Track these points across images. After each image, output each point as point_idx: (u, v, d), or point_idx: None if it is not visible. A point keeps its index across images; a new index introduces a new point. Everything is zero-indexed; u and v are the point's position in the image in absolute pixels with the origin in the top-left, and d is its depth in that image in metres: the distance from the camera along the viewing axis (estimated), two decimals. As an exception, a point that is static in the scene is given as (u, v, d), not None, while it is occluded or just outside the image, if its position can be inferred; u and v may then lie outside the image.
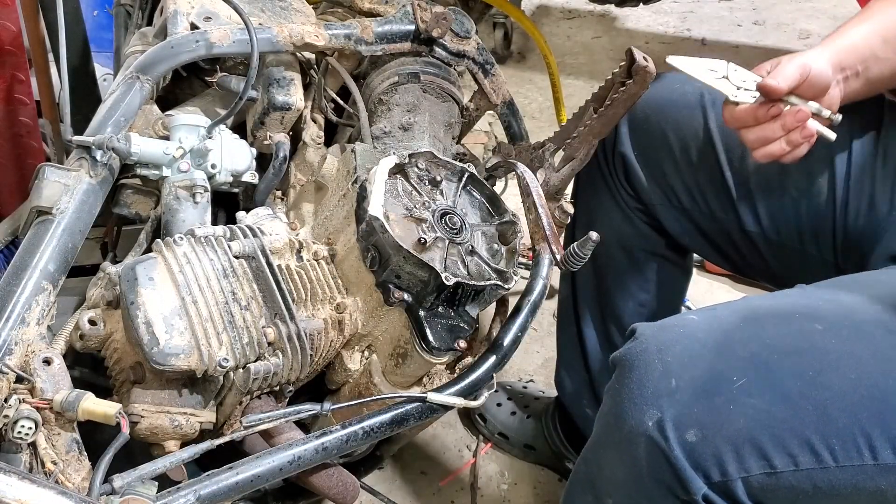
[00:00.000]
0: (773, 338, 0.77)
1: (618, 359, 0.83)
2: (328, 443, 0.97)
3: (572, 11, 3.29)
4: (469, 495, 1.44)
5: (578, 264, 1.02)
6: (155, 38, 1.22)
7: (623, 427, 0.79)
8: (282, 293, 0.95)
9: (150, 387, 0.91)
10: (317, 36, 1.14)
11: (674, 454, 0.73)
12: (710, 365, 0.76)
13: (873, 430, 0.70)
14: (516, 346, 1.09)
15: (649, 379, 0.78)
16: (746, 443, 0.72)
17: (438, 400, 1.01)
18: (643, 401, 0.77)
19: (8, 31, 1.40)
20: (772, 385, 0.73)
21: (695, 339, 0.80)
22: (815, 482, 0.72)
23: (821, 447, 0.71)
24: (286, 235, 1.02)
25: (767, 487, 0.73)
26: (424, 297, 0.95)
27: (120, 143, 0.98)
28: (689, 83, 1.12)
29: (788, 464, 0.72)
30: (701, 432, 0.73)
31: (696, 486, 0.73)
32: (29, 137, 1.54)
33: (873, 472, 0.71)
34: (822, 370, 0.73)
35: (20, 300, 0.85)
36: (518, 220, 1.07)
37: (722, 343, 0.78)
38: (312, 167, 1.18)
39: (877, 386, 0.72)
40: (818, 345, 0.75)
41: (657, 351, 0.80)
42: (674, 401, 0.75)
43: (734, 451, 0.72)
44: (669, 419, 0.74)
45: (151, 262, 0.91)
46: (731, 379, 0.74)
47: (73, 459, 0.82)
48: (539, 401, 1.54)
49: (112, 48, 1.60)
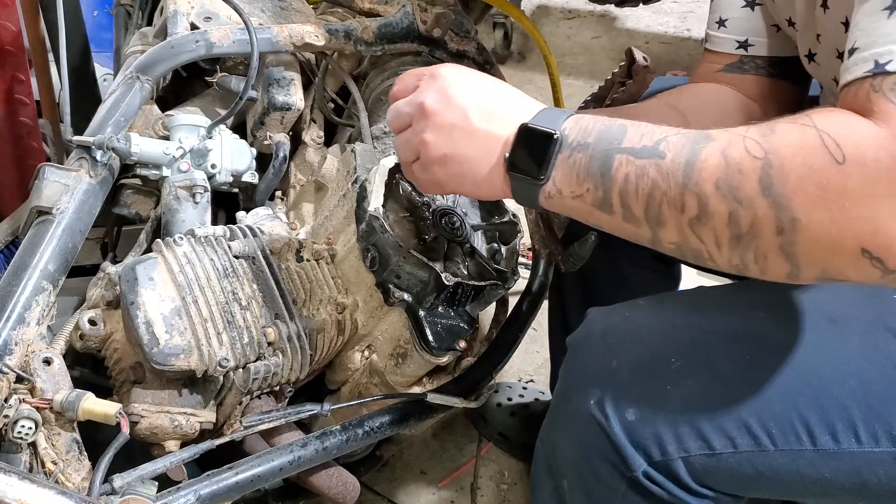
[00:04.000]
0: (714, 323, 0.78)
1: (569, 341, 0.85)
2: (328, 443, 0.97)
3: (572, 11, 3.29)
4: (469, 495, 1.44)
5: (578, 264, 1.02)
6: (155, 38, 1.22)
7: (569, 406, 0.81)
8: (282, 293, 0.95)
9: (150, 387, 0.91)
10: (317, 36, 1.14)
11: (613, 432, 0.75)
12: (650, 347, 0.78)
13: (811, 415, 0.71)
14: (516, 346, 1.09)
15: (592, 360, 0.80)
16: (685, 423, 0.73)
17: (438, 400, 1.02)
18: (586, 381, 0.79)
19: (8, 31, 1.40)
20: (710, 368, 0.75)
21: (639, 323, 0.81)
22: (757, 465, 0.73)
23: (759, 430, 0.72)
24: (286, 235, 1.02)
25: (710, 469, 0.74)
26: (424, 297, 0.95)
27: (120, 143, 0.98)
28: None
29: (727, 445, 0.73)
30: (640, 412, 0.74)
31: (636, 464, 0.75)
32: (29, 138, 1.54)
33: (813, 458, 0.71)
34: (760, 355, 0.74)
35: (20, 300, 0.85)
36: (518, 220, 1.07)
37: (665, 327, 0.80)
38: (312, 167, 1.18)
39: (816, 373, 0.72)
40: (759, 331, 0.76)
41: (602, 333, 0.81)
42: (614, 381, 0.77)
43: (673, 432, 0.74)
44: (609, 399, 0.76)
45: (151, 262, 0.91)
46: (669, 360, 0.75)
47: (73, 459, 0.82)
48: (539, 401, 1.54)
49: (112, 48, 1.60)
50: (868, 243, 0.54)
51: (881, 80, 0.55)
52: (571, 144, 0.65)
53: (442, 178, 0.73)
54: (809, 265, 0.57)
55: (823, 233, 0.54)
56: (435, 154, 0.71)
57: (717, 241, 0.59)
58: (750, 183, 0.56)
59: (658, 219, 0.61)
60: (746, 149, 0.57)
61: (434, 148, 0.71)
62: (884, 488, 0.71)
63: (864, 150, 0.53)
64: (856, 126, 0.55)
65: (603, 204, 0.64)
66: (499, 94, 0.72)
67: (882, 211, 0.53)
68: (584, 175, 0.64)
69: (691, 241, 0.61)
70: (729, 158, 0.57)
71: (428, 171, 0.73)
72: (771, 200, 0.55)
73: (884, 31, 0.56)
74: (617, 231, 0.66)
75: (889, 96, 0.54)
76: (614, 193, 0.63)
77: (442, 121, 0.71)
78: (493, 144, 0.69)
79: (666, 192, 0.60)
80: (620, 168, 0.62)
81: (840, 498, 0.76)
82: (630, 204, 0.62)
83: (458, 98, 0.71)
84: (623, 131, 0.64)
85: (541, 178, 0.66)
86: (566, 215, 0.70)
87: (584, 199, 0.65)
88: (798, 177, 0.55)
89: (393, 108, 0.76)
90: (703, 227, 0.59)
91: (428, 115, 0.71)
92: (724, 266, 0.61)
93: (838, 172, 0.53)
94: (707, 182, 0.58)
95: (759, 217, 0.56)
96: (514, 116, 0.69)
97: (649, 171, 0.61)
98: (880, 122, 0.54)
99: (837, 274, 0.57)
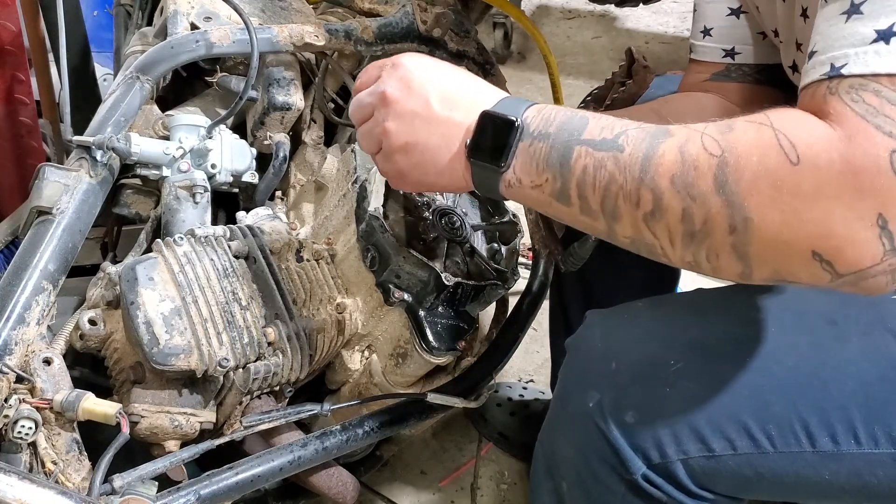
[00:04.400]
0: (713, 325, 0.78)
1: (568, 343, 0.85)
2: (328, 443, 0.97)
3: (572, 11, 3.29)
4: (469, 495, 1.44)
5: (578, 264, 1.02)
6: (155, 38, 1.22)
7: (568, 409, 0.81)
8: (282, 293, 0.95)
9: (150, 387, 0.91)
10: (317, 36, 1.14)
11: (612, 435, 0.75)
12: (649, 349, 0.78)
13: (810, 417, 0.71)
14: (516, 346, 1.09)
15: (591, 361, 0.80)
16: (684, 426, 0.73)
17: (438, 400, 1.01)
18: (585, 383, 0.79)
19: (8, 31, 1.40)
20: (709, 370, 0.74)
21: (637, 325, 0.81)
22: (756, 468, 0.72)
23: (758, 432, 0.72)
24: (286, 235, 1.02)
25: (709, 471, 0.74)
26: (424, 297, 0.95)
27: (120, 143, 0.98)
28: None
29: (726, 448, 0.72)
30: (638, 414, 0.74)
31: (635, 466, 0.74)
32: (29, 137, 1.54)
33: (813, 460, 0.71)
34: (759, 357, 0.74)
35: (20, 300, 0.85)
36: (518, 220, 1.07)
37: (664, 329, 0.79)
38: (312, 167, 1.18)
39: (815, 374, 0.72)
40: (758, 333, 0.76)
41: (601, 335, 0.81)
42: (612, 383, 0.76)
43: (672, 434, 0.73)
44: (608, 401, 0.75)
45: (151, 262, 0.91)
46: (668, 363, 0.75)
47: (73, 459, 0.82)
48: (539, 401, 1.54)
49: (112, 48, 1.60)
50: (819, 246, 0.54)
51: (837, 83, 0.55)
52: (532, 133, 0.65)
53: (404, 168, 0.72)
54: (761, 265, 0.57)
55: (775, 234, 0.54)
56: (396, 142, 0.71)
57: (671, 238, 0.59)
58: (705, 180, 0.56)
59: (614, 212, 0.61)
60: (703, 145, 0.57)
61: (395, 136, 0.71)
62: (884, 490, 0.71)
63: (818, 151, 0.53)
64: (811, 127, 0.55)
65: (561, 195, 0.64)
66: (460, 82, 0.72)
67: (834, 214, 0.53)
68: (544, 165, 0.64)
69: (646, 236, 0.61)
70: (685, 154, 0.57)
71: (390, 160, 0.73)
72: (725, 199, 0.55)
73: (840, 34, 0.56)
74: (575, 223, 0.66)
75: (844, 99, 0.54)
76: (572, 185, 0.63)
77: (403, 109, 0.70)
78: (455, 132, 0.69)
79: (622, 186, 0.60)
80: (579, 160, 0.62)
81: (840, 500, 0.75)
82: (587, 196, 0.62)
83: (418, 86, 0.70)
84: (584, 123, 0.64)
85: (501, 165, 0.66)
86: (525, 204, 0.70)
87: (543, 189, 0.65)
88: (753, 176, 0.55)
89: (355, 100, 0.76)
90: (658, 223, 0.59)
91: (389, 104, 0.71)
92: (678, 263, 0.61)
93: (792, 173, 0.53)
94: (663, 177, 0.58)
95: (713, 215, 0.56)
96: (476, 104, 0.68)
97: (607, 164, 0.61)
98: (835, 124, 0.54)
99: (789, 275, 0.57)
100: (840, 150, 0.52)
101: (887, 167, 0.51)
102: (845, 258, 0.54)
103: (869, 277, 0.55)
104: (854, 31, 0.55)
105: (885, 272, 0.54)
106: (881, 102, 0.53)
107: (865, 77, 0.54)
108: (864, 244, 0.53)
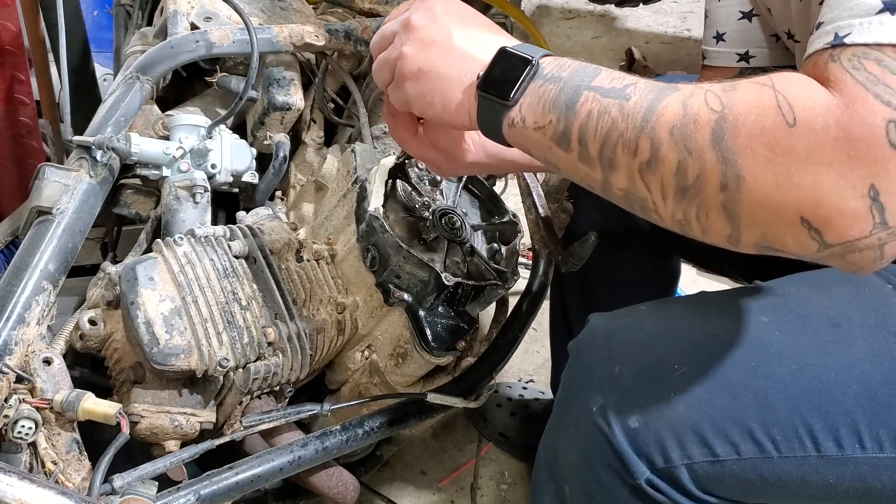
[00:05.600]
0: (717, 329, 0.78)
1: (571, 347, 0.85)
2: (328, 443, 0.97)
3: (572, 11, 3.29)
4: (469, 495, 1.44)
5: (578, 264, 1.02)
6: (155, 38, 1.22)
7: (571, 412, 0.80)
8: (282, 293, 0.95)
9: (150, 387, 0.91)
10: (317, 36, 1.14)
11: (616, 439, 0.74)
12: (653, 353, 0.77)
13: (815, 421, 0.70)
14: (516, 346, 1.09)
15: (595, 365, 0.80)
16: (688, 430, 0.73)
17: (438, 400, 1.01)
18: (588, 387, 0.78)
19: (8, 31, 1.40)
20: (713, 374, 0.74)
21: (641, 328, 0.81)
22: (761, 472, 0.72)
23: (762, 437, 0.71)
24: (286, 236, 1.02)
25: (713, 476, 0.73)
26: (424, 297, 0.95)
27: (120, 143, 0.98)
28: None
29: (731, 452, 0.72)
30: (643, 418, 0.74)
31: (639, 471, 0.74)
32: (29, 137, 1.54)
33: (817, 464, 0.71)
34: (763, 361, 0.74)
35: (20, 300, 0.85)
36: (518, 220, 1.07)
37: (667, 332, 0.79)
38: (312, 167, 1.18)
39: (818, 378, 0.72)
40: (762, 336, 0.75)
41: (604, 339, 0.81)
42: (616, 387, 0.76)
43: (676, 438, 0.73)
44: (612, 405, 0.75)
45: (151, 262, 0.91)
46: (672, 367, 0.75)
47: (73, 459, 0.82)
48: (539, 401, 1.54)
49: (112, 48, 1.60)
50: (808, 212, 0.53)
51: (839, 52, 0.55)
52: (545, 75, 0.65)
53: (412, 96, 0.72)
54: (749, 228, 0.56)
55: (766, 195, 0.54)
56: (410, 67, 0.71)
57: (664, 192, 0.59)
58: (702, 134, 0.56)
59: (611, 161, 0.61)
60: (706, 101, 0.57)
61: (410, 61, 0.71)
62: (888, 494, 0.71)
63: (815, 115, 0.53)
64: (811, 91, 0.54)
65: (562, 139, 0.64)
66: (487, 25, 0.72)
67: (825, 181, 0.52)
68: (550, 106, 0.64)
69: (639, 189, 0.61)
70: (687, 108, 0.57)
71: (399, 87, 0.72)
72: (719, 154, 0.55)
73: (847, 5, 0.55)
74: (572, 172, 0.66)
75: (846, 66, 0.54)
76: (574, 128, 0.63)
77: (424, 36, 0.70)
78: (470, 65, 0.69)
79: (623, 133, 0.60)
80: (585, 104, 0.62)
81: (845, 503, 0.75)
82: (587, 141, 0.62)
83: (444, 19, 0.70)
84: (597, 72, 0.64)
85: (509, 99, 0.66)
86: (524, 150, 0.69)
87: (545, 131, 0.65)
88: (748, 133, 0.54)
89: (379, 31, 0.76)
90: (652, 175, 0.59)
91: (411, 30, 0.71)
92: (668, 221, 0.61)
93: (787, 135, 0.53)
94: (663, 127, 0.58)
95: (706, 170, 0.56)
96: (496, 43, 0.69)
97: (611, 111, 0.61)
98: (834, 90, 0.53)
99: (776, 242, 0.56)
100: (836, 115, 0.52)
101: (882, 137, 0.51)
102: (834, 227, 0.53)
103: (856, 251, 0.54)
104: (860, 1, 0.55)
105: (872, 246, 0.54)
106: (882, 71, 0.52)
107: (868, 46, 0.54)
108: (854, 214, 0.52)
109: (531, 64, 0.65)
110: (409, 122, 0.78)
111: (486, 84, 0.67)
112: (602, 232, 1.11)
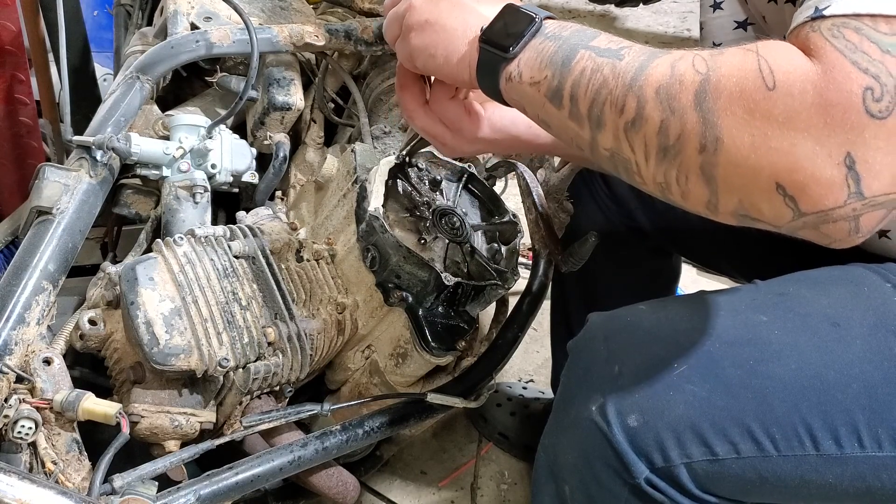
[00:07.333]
0: (716, 328, 0.78)
1: (570, 346, 0.85)
2: (328, 443, 0.97)
3: (572, 11, 3.29)
4: (469, 495, 1.44)
5: (578, 264, 1.02)
6: (155, 38, 1.22)
7: (570, 412, 0.80)
8: (282, 293, 0.95)
9: (150, 387, 0.91)
10: (317, 36, 1.14)
11: (616, 439, 0.74)
12: (653, 352, 0.77)
13: (814, 420, 0.70)
14: (516, 346, 1.09)
15: (594, 365, 0.80)
16: (687, 429, 0.73)
17: (438, 400, 1.01)
18: (588, 386, 0.79)
19: (8, 31, 1.40)
20: (712, 373, 0.74)
21: (640, 328, 0.81)
22: (760, 471, 0.72)
23: (761, 436, 0.71)
24: (286, 235, 1.02)
25: (713, 475, 0.73)
26: (424, 297, 0.95)
27: (120, 143, 0.98)
28: None
29: (730, 451, 0.72)
30: (642, 418, 0.74)
31: (638, 470, 0.74)
32: (29, 137, 1.54)
33: (817, 463, 0.71)
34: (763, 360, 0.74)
35: (20, 300, 0.85)
36: (518, 220, 1.07)
37: (667, 332, 0.79)
38: (312, 167, 1.18)
39: (818, 377, 0.72)
40: (761, 335, 0.75)
41: (604, 338, 0.81)
42: (616, 386, 0.76)
43: (675, 438, 0.73)
44: (611, 404, 0.75)
45: (151, 262, 0.91)
46: (672, 366, 0.75)
47: (73, 459, 0.82)
48: (539, 401, 1.54)
49: (112, 48, 1.60)
50: (783, 178, 0.54)
51: (820, 22, 0.56)
52: (546, 33, 0.67)
53: (416, 46, 0.73)
54: (726, 192, 0.57)
55: (742, 158, 0.55)
56: (417, 19, 0.73)
57: (646, 152, 0.60)
58: (686, 94, 0.57)
59: (599, 119, 0.62)
60: (693, 63, 0.58)
61: (418, 12, 0.73)
62: (888, 493, 0.71)
63: (794, 80, 0.53)
64: (792, 57, 0.55)
65: (555, 95, 0.65)
66: None
67: (801, 146, 0.53)
68: (547, 62, 0.66)
69: (624, 148, 0.62)
70: (675, 69, 0.59)
71: (405, 39, 0.74)
72: (700, 115, 0.56)
73: None
74: (562, 131, 0.67)
75: (825, 35, 0.55)
76: (567, 85, 0.64)
77: None
78: (475, 20, 0.71)
79: (612, 91, 0.61)
80: (580, 62, 0.64)
81: (844, 503, 0.75)
82: (578, 98, 0.63)
83: None
84: (596, 34, 0.66)
85: (509, 52, 0.67)
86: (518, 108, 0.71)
87: (539, 86, 0.66)
88: (729, 95, 0.55)
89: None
90: (636, 134, 0.60)
91: None
92: (650, 183, 0.62)
93: (766, 98, 0.54)
94: (650, 87, 0.59)
95: (687, 130, 0.57)
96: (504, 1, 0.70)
97: (604, 69, 0.62)
98: (814, 58, 0.54)
99: (753, 209, 0.57)
100: (814, 81, 0.53)
101: (859, 103, 0.52)
102: (808, 195, 0.53)
103: (830, 221, 0.54)
104: None
105: (847, 217, 0.54)
106: (861, 39, 0.53)
107: (847, 16, 0.55)
108: (829, 182, 0.53)
109: (534, 21, 0.67)
110: (418, 92, 0.80)
111: (488, 36, 0.69)
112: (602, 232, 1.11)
